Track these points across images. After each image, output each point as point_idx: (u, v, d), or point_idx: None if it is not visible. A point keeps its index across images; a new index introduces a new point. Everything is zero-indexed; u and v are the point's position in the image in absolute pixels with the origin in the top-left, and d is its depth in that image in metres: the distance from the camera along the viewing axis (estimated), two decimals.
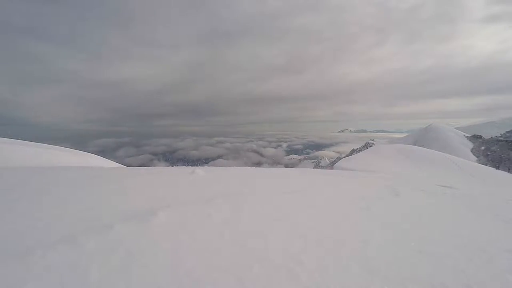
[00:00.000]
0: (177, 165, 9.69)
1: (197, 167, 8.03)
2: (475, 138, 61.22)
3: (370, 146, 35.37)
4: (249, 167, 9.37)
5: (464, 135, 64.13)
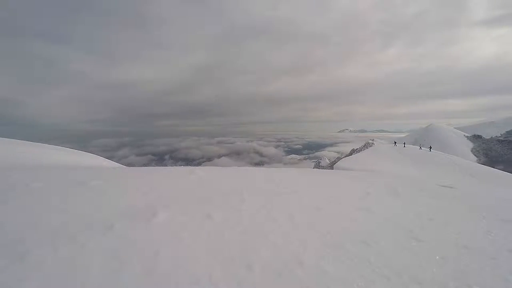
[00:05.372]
0: (178, 165, 9.70)
1: (197, 167, 8.04)
2: (475, 138, 61.19)
3: (370, 146, 35.34)
4: (249, 167, 9.38)
5: (464, 135, 64.11)
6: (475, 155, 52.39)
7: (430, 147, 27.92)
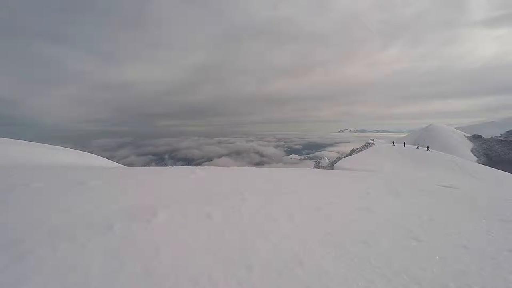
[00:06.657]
0: (178, 165, 9.70)
1: (197, 167, 8.04)
2: (475, 138, 61.19)
3: (370, 146, 35.35)
4: (249, 167, 9.39)
5: (464, 135, 64.09)
6: (475, 155, 52.42)
7: (428, 147, 28.03)
